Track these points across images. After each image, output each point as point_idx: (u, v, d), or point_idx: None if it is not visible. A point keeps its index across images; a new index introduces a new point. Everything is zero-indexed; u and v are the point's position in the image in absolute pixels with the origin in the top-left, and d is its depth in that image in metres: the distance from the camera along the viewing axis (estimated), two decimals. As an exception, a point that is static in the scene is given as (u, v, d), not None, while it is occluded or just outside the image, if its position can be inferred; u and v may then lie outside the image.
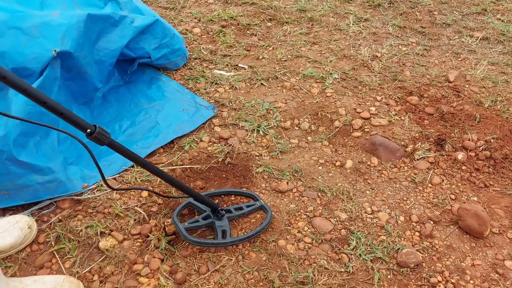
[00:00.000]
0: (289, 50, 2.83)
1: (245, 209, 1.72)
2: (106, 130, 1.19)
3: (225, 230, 1.61)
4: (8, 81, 0.97)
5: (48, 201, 1.69)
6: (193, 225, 1.62)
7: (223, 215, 1.64)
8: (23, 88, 0.99)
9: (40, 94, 1.03)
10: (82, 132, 1.14)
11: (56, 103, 1.06)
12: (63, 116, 1.08)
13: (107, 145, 1.20)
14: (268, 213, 1.70)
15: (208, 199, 1.62)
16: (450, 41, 3.04)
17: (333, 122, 2.21)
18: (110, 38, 2.04)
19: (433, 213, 1.78)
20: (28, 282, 1.33)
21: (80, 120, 1.12)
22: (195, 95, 2.33)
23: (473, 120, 2.24)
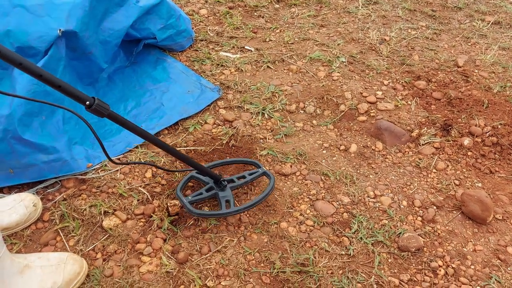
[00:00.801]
0: (297, 33, 2.80)
1: (247, 177, 1.72)
2: (106, 103, 1.18)
3: (228, 200, 1.61)
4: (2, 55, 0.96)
5: (53, 180, 1.71)
6: (197, 198, 1.61)
7: (226, 186, 1.65)
8: (19, 62, 0.98)
9: (36, 68, 1.01)
10: (82, 105, 1.13)
11: (52, 76, 1.05)
12: (61, 89, 1.07)
13: (106, 116, 1.19)
14: (271, 179, 1.69)
15: (210, 171, 1.62)
16: (461, 25, 2.98)
17: (338, 106, 2.19)
18: (115, 18, 2.03)
19: (436, 198, 1.77)
20: (32, 258, 1.36)
21: (79, 92, 1.11)
22: (201, 77, 2.33)
23: (481, 106, 2.21)
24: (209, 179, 1.66)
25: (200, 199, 1.63)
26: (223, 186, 1.64)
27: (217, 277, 1.45)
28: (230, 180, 1.69)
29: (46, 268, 1.35)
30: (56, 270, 1.35)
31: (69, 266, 1.37)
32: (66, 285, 1.35)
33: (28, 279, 1.31)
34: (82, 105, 1.13)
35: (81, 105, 1.14)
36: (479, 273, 1.51)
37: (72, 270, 1.37)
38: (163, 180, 1.76)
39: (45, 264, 1.35)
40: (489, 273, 1.51)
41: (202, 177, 1.69)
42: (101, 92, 2.08)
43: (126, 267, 1.46)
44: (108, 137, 1.92)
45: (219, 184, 1.64)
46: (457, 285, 1.46)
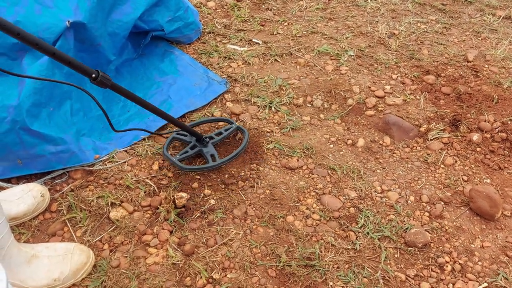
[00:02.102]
0: (305, 26, 2.78)
1: (224, 133, 1.90)
2: (107, 75, 1.30)
3: (213, 154, 1.78)
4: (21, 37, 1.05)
5: (61, 171, 1.71)
6: (184, 156, 1.77)
7: (208, 142, 1.82)
8: (35, 42, 1.08)
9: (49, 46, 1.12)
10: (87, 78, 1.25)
11: (62, 53, 1.15)
12: (70, 64, 1.18)
13: (109, 87, 1.31)
14: (245, 133, 1.90)
15: (193, 130, 1.77)
16: (471, 19, 2.95)
17: (346, 100, 2.18)
18: (123, 9, 2.02)
19: (444, 194, 1.76)
20: (39, 248, 1.37)
21: (85, 67, 1.22)
22: (208, 70, 2.32)
23: (490, 101, 2.18)
24: (191, 138, 1.83)
25: (187, 156, 1.78)
26: (205, 142, 1.81)
27: (223, 269, 1.45)
28: (209, 137, 1.86)
29: (53, 258, 1.36)
30: (63, 260, 1.36)
31: (76, 256, 1.38)
32: (73, 275, 1.36)
33: (36, 269, 1.32)
34: (88, 77, 1.25)
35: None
36: (487, 269, 1.50)
37: (79, 260, 1.38)
38: (170, 172, 1.76)
39: (52, 254, 1.36)
40: (496, 269, 1.50)
41: (183, 137, 1.86)
42: (109, 84, 2.08)
43: (132, 258, 1.47)
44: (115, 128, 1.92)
45: (202, 141, 1.81)
46: (464, 281, 1.46)
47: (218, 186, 1.73)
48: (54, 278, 1.33)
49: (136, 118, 1.98)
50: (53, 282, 1.33)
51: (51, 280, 1.33)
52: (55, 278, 1.33)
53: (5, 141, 1.59)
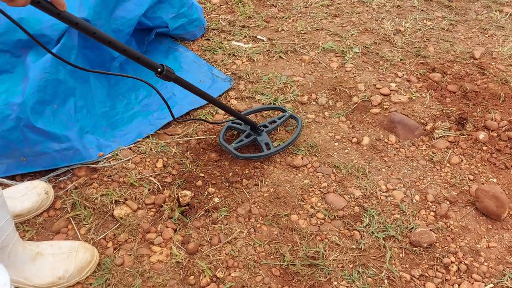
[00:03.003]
0: (310, 23, 2.76)
1: (277, 121, 1.93)
2: (171, 68, 1.40)
3: (267, 143, 1.81)
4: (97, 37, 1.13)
5: (65, 169, 1.71)
6: (239, 144, 1.81)
7: (262, 130, 1.85)
8: (108, 40, 1.16)
9: (120, 44, 1.21)
10: (153, 72, 1.36)
11: (133, 50, 1.25)
12: (139, 60, 1.27)
13: (173, 80, 1.42)
14: (298, 120, 1.92)
15: (248, 118, 1.80)
16: (478, 16, 2.92)
17: (351, 98, 2.17)
18: (127, 6, 2.01)
19: (450, 193, 1.74)
20: (44, 246, 1.37)
21: (152, 61, 1.33)
22: (212, 67, 2.31)
23: (497, 99, 2.16)
24: (245, 126, 1.87)
25: (242, 145, 1.82)
26: (260, 131, 1.84)
27: (227, 268, 1.45)
28: (263, 125, 1.89)
29: (58, 256, 1.36)
30: (67, 258, 1.36)
31: (81, 254, 1.38)
32: (78, 273, 1.36)
33: (40, 266, 1.32)
34: (154, 71, 1.35)
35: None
36: (493, 270, 1.49)
37: (84, 258, 1.38)
38: (174, 170, 1.76)
39: (56, 252, 1.36)
40: (502, 270, 1.49)
41: (238, 126, 1.89)
42: (113, 81, 2.07)
43: (136, 256, 1.47)
44: (119, 126, 1.92)
45: (256, 130, 1.84)
46: (469, 281, 1.45)
47: (222, 184, 1.72)
48: (59, 276, 1.33)
49: (140, 115, 1.97)
50: (58, 280, 1.33)
51: (56, 278, 1.33)
52: (59, 276, 1.33)
53: (10, 138, 1.59)
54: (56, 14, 1.03)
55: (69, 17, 1.07)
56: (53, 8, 1.02)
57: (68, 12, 1.06)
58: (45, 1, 1.01)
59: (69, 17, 1.07)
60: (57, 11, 1.03)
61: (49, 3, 1.02)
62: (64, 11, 1.04)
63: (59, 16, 1.04)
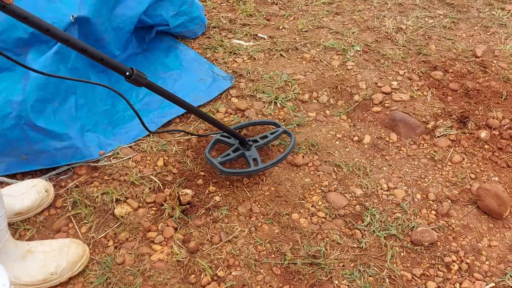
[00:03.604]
0: (311, 20, 2.75)
1: (269, 136, 1.83)
2: (142, 73, 1.27)
3: (255, 158, 1.71)
4: (51, 34, 1.07)
5: (66, 167, 1.71)
6: (226, 159, 1.71)
7: (251, 145, 1.76)
8: (65, 39, 1.10)
9: (80, 43, 1.12)
10: (122, 76, 1.24)
11: (95, 50, 1.15)
12: (103, 62, 1.17)
13: (144, 85, 1.28)
14: (292, 136, 1.80)
15: (237, 132, 1.73)
16: (480, 14, 2.91)
17: (352, 96, 2.16)
18: (128, 4, 2.00)
19: (451, 192, 1.74)
20: (34, 244, 1.37)
21: (120, 64, 1.22)
22: (213, 65, 2.30)
23: (499, 98, 2.15)
24: (234, 140, 1.78)
25: (229, 160, 1.73)
26: (248, 146, 1.75)
27: (227, 267, 1.45)
28: (254, 140, 1.80)
29: (49, 253, 1.35)
30: (59, 254, 1.36)
31: (73, 249, 1.38)
32: (70, 267, 1.36)
33: (31, 264, 1.32)
34: (123, 75, 1.23)
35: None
36: (494, 269, 1.48)
37: (76, 253, 1.38)
38: (175, 169, 1.76)
39: (47, 250, 1.36)
40: (504, 269, 1.48)
41: (227, 139, 1.80)
42: (114, 79, 2.06)
43: (137, 255, 1.47)
44: (120, 124, 1.92)
45: (245, 144, 1.74)
46: (471, 280, 1.44)
47: (223, 183, 1.72)
48: (51, 272, 1.33)
49: (140, 114, 1.96)
50: (50, 276, 1.33)
51: (48, 275, 1.33)
52: (51, 272, 1.33)
53: (10, 136, 1.59)
54: (1, 7, 0.95)
55: (16, 11, 0.98)
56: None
57: (15, 5, 0.97)
58: None
59: (16, 10, 0.98)
60: (2, 4, 0.94)
61: None
62: (10, 3, 0.95)
63: (5, 9, 0.95)
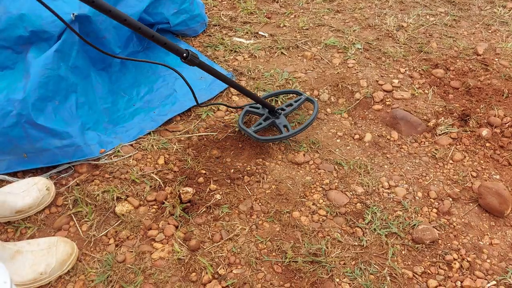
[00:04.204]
0: (311, 18, 2.74)
1: (294, 104, 1.96)
2: (195, 53, 1.41)
3: (286, 125, 1.84)
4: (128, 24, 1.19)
5: (67, 165, 1.71)
6: (259, 127, 1.84)
7: (280, 113, 1.89)
8: (138, 26, 1.21)
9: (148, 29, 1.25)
10: (179, 57, 1.38)
11: (160, 36, 1.29)
12: (166, 46, 1.31)
13: (197, 65, 1.44)
14: (315, 103, 1.94)
15: (266, 101, 1.82)
16: (481, 12, 2.90)
17: (353, 94, 2.15)
18: (128, 2, 2.00)
19: (452, 190, 1.74)
20: (22, 244, 1.37)
21: (178, 47, 1.36)
22: (214, 63, 2.30)
23: (500, 96, 2.15)
24: (263, 110, 1.90)
25: (261, 128, 1.86)
26: (278, 114, 1.88)
27: (228, 265, 1.45)
28: (281, 108, 1.93)
29: (37, 252, 1.36)
30: (48, 254, 1.36)
31: (61, 248, 1.38)
32: (60, 266, 1.36)
33: (20, 264, 1.32)
34: (180, 57, 1.38)
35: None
36: (495, 267, 1.48)
37: (65, 252, 1.38)
38: (175, 167, 1.76)
39: (35, 249, 1.36)
40: (505, 267, 1.48)
41: (256, 110, 1.92)
42: (114, 77, 2.06)
43: (138, 253, 1.47)
44: (121, 122, 1.91)
45: (274, 113, 1.87)
46: (472, 278, 1.44)
47: (223, 181, 1.72)
48: (40, 272, 1.33)
49: (141, 112, 1.97)
50: (40, 276, 1.33)
51: (38, 274, 1.33)
52: (41, 272, 1.33)
53: (11, 135, 1.59)
54: (91, 2, 1.07)
55: (103, 5, 1.11)
56: None
57: (101, 0, 1.10)
58: None
59: (102, 5, 1.11)
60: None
61: None
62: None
63: (93, 4, 1.08)
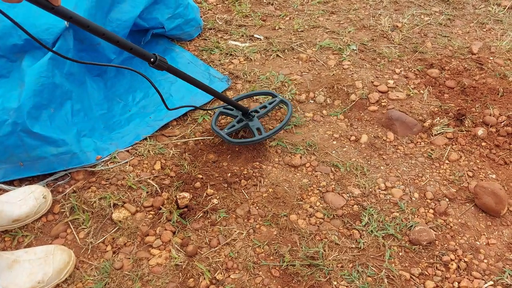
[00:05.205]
0: (306, 20, 2.75)
1: (268, 106, 1.94)
2: (163, 57, 1.38)
3: (259, 128, 1.83)
4: (90, 29, 1.13)
5: (63, 173, 1.71)
6: (232, 130, 1.83)
7: (254, 116, 1.87)
8: (101, 32, 1.16)
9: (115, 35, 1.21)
10: (146, 61, 1.34)
11: (126, 41, 1.25)
12: (132, 51, 1.27)
13: (166, 69, 1.40)
14: (289, 105, 1.94)
15: (239, 104, 1.81)
16: (476, 10, 2.90)
17: (349, 96, 2.16)
18: (122, 8, 2.00)
19: (448, 190, 1.74)
20: (19, 253, 1.37)
21: (145, 52, 1.32)
22: (209, 67, 2.30)
23: (495, 94, 2.15)
24: (237, 112, 1.88)
25: (234, 130, 1.84)
26: (251, 116, 1.86)
27: (226, 270, 1.45)
28: (254, 110, 1.92)
29: (35, 261, 1.36)
30: (45, 262, 1.36)
31: (58, 256, 1.39)
32: (57, 275, 1.36)
33: (18, 273, 1.33)
34: (147, 61, 1.34)
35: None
36: (492, 267, 1.49)
37: (62, 260, 1.38)
38: (172, 172, 1.76)
39: (32, 258, 1.37)
40: (502, 267, 1.48)
41: (230, 111, 1.91)
42: (109, 83, 2.07)
43: (135, 259, 1.47)
44: (117, 128, 1.92)
45: (248, 115, 1.86)
46: (469, 279, 1.44)
47: (220, 185, 1.72)
48: (38, 281, 1.33)
49: (137, 117, 1.97)
50: (37, 285, 1.33)
51: (35, 283, 1.33)
52: (38, 281, 1.33)
53: (7, 143, 1.59)
54: (50, 9, 1.04)
55: (63, 11, 1.08)
56: (47, 3, 1.03)
57: (62, 6, 1.07)
58: None
59: (63, 11, 1.08)
60: (51, 6, 1.03)
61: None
62: (58, 5, 1.05)
63: (53, 10, 1.05)
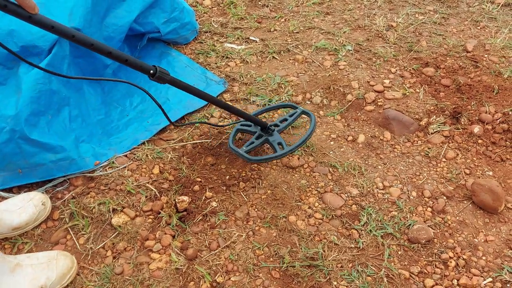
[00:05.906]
0: (302, 22, 2.76)
1: (289, 119, 1.85)
2: (165, 69, 1.30)
3: (280, 142, 1.73)
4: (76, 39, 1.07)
5: (62, 179, 1.71)
6: (251, 147, 1.73)
7: (273, 130, 1.77)
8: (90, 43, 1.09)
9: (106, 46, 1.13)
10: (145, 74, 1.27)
11: (120, 52, 1.17)
12: (128, 63, 1.19)
13: (168, 82, 1.31)
14: (311, 116, 1.82)
15: (259, 119, 1.72)
16: (470, 8, 2.92)
17: (345, 96, 2.17)
18: (118, 13, 2.01)
19: (446, 188, 1.75)
20: (22, 257, 1.37)
21: (143, 64, 1.25)
22: (206, 70, 2.31)
23: (491, 92, 2.17)
24: (255, 127, 1.80)
25: (254, 147, 1.75)
26: (271, 131, 1.76)
27: (226, 272, 1.46)
28: (274, 124, 1.83)
29: (37, 266, 1.36)
30: (48, 267, 1.36)
31: (61, 261, 1.39)
32: (60, 280, 1.37)
33: (20, 278, 1.32)
34: (147, 74, 1.26)
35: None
36: (491, 264, 1.49)
37: (65, 265, 1.39)
38: (171, 176, 1.76)
39: (35, 263, 1.37)
40: (501, 264, 1.49)
41: (247, 128, 1.83)
42: (107, 88, 2.07)
43: (136, 264, 1.47)
44: (115, 133, 1.92)
45: (267, 130, 1.76)
46: (468, 276, 1.45)
47: (219, 188, 1.73)
48: (40, 286, 1.33)
49: (135, 122, 1.98)
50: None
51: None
52: (41, 286, 1.33)
53: (5, 151, 1.59)
54: (27, 18, 0.96)
55: (43, 20, 0.99)
56: (23, 11, 0.95)
57: (40, 15, 0.98)
58: (12, 4, 0.93)
59: (42, 20, 0.99)
60: (27, 14, 0.95)
61: (17, 6, 0.94)
62: (35, 14, 0.97)
63: (30, 19, 0.97)
